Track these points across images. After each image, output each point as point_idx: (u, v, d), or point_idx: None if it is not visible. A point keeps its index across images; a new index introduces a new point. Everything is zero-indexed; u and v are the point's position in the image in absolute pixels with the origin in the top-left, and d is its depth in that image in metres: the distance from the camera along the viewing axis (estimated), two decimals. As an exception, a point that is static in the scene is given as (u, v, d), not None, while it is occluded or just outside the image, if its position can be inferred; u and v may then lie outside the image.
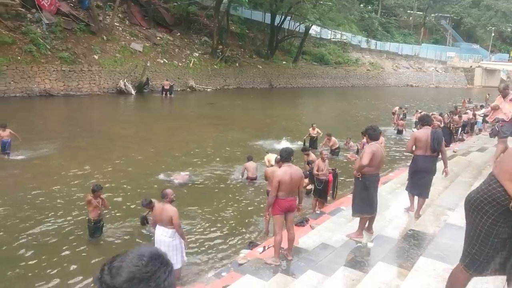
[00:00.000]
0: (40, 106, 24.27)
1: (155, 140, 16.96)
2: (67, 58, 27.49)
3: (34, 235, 7.98)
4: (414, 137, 6.97)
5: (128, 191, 10.66)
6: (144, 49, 33.51)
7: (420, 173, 6.93)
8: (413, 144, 6.91)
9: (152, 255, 1.36)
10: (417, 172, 6.97)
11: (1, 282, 6.42)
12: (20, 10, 28.26)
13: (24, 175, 11.49)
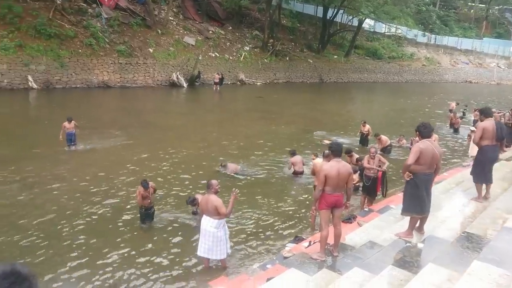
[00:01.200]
0: (98, 97, 25.44)
1: (205, 132, 17.31)
2: (124, 51, 28.61)
3: (92, 218, 8.42)
4: (482, 128, 7.29)
5: (180, 181, 10.96)
6: (196, 43, 34.16)
7: (488, 162, 7.37)
8: (481, 134, 7.22)
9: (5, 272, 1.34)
10: (485, 162, 7.36)
11: (58, 257, 6.84)
12: (82, 5, 29.72)
13: (86, 163, 12.14)
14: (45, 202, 9.09)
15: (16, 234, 7.58)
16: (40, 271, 6.41)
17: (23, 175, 10.59)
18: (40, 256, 6.93)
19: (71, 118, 13.29)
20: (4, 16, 24.87)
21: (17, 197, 9.27)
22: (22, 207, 8.81)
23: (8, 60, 23.86)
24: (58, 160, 12.10)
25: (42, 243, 7.35)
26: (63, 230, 7.88)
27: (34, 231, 7.75)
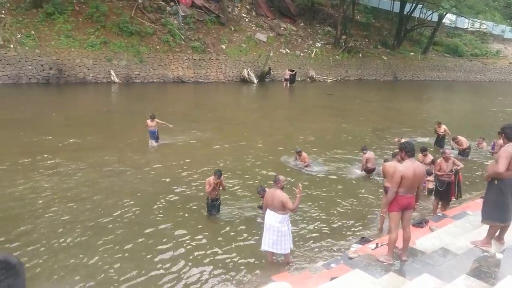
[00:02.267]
0: (173, 91, 26.57)
1: (274, 128, 17.40)
2: (198, 47, 29.58)
3: (164, 206, 8.81)
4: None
5: (248, 174, 11.13)
6: (268, 39, 34.39)
7: None
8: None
9: None
10: None
11: (128, 242, 7.25)
12: (161, 4, 31.18)
13: (162, 154, 12.75)
14: (121, 189, 9.66)
15: (95, 217, 8.14)
16: (113, 246, 6.86)
17: (104, 162, 11.34)
18: (114, 233, 7.39)
19: (154, 115, 13.34)
20: (92, 15, 26.79)
21: (98, 182, 9.94)
22: (102, 190, 9.43)
23: (94, 56, 25.68)
24: (138, 150, 12.78)
25: (112, 221, 7.83)
26: (131, 215, 8.32)
27: (104, 212, 8.28)
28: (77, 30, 26.07)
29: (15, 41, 23.68)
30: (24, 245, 6.97)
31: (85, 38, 25.88)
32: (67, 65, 24.74)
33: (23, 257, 6.49)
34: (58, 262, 6.57)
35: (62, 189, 9.36)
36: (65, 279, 6.15)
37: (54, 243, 7.08)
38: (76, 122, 16.08)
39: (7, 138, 13.34)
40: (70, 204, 8.60)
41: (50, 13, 25.60)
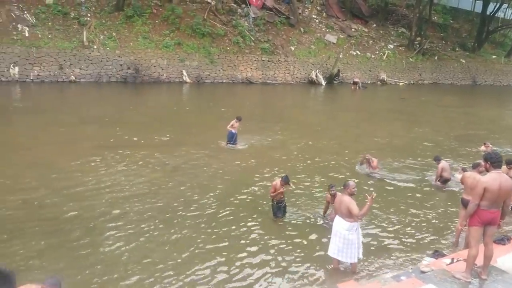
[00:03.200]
0: (242, 92, 26.98)
1: (340, 130, 17.06)
2: (267, 49, 29.79)
3: (233, 206, 8.93)
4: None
5: (314, 177, 10.97)
6: (338, 41, 33.80)
7: None
8: None
9: None
10: None
11: (194, 242, 7.40)
12: (232, 6, 31.83)
13: (234, 156, 12.94)
14: (192, 186, 9.93)
15: (165, 212, 8.44)
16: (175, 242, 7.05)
17: (174, 159, 11.75)
18: (181, 230, 7.60)
19: (241, 117, 13.01)
20: (168, 18, 27.97)
21: (169, 179, 10.31)
22: (172, 188, 9.76)
23: (168, 56, 26.80)
24: (209, 148, 13.10)
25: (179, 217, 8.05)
26: (199, 212, 8.49)
27: (170, 206, 8.53)
28: (154, 32, 27.35)
29: (98, 42, 25.35)
30: (95, 236, 7.38)
31: (161, 40, 27.08)
32: (143, 65, 26.04)
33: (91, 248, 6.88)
34: (131, 252, 6.88)
35: (133, 184, 9.81)
36: (132, 269, 6.42)
37: (126, 235, 7.43)
38: (150, 119, 16.85)
39: (89, 132, 14.28)
40: (141, 199, 8.98)
41: (130, 16, 27.09)
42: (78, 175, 10.05)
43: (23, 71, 23.30)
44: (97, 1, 27.74)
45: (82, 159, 11.18)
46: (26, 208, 8.20)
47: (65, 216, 7.93)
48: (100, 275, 6.19)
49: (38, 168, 10.45)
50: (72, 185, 9.40)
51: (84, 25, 25.61)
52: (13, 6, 24.94)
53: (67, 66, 24.28)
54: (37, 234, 7.22)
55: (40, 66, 23.73)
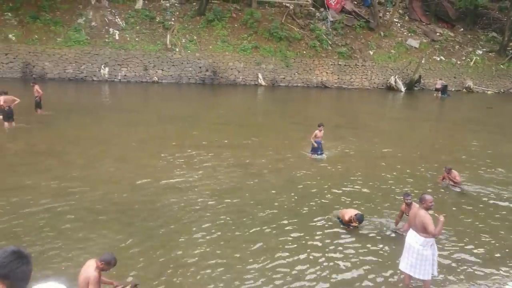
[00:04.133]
0: (316, 96, 26.78)
1: (418, 140, 16.22)
2: (344, 53, 29.26)
3: (304, 212, 8.88)
4: None
5: (390, 186, 10.56)
6: (420, 46, 32.24)
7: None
8: None
9: (11, 251, 1.95)
10: None
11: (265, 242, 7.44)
12: (310, 10, 31.72)
13: (312, 165, 12.93)
14: (259, 189, 10.03)
15: (233, 214, 8.61)
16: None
17: (250, 160, 11.93)
18: (248, 231, 7.70)
19: (322, 124, 12.66)
20: (246, 22, 28.58)
21: (240, 181, 10.51)
22: (245, 190, 9.92)
23: (245, 60, 27.37)
24: (284, 151, 13.17)
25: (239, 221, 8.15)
26: (265, 214, 8.53)
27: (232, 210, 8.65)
28: (232, 36, 28.09)
29: (180, 45, 26.60)
30: (165, 233, 7.71)
31: (239, 43, 27.74)
32: (221, 67, 26.85)
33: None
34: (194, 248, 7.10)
35: (207, 183, 10.12)
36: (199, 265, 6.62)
37: (200, 232, 7.68)
38: (226, 121, 17.30)
39: (169, 131, 15.01)
40: (214, 198, 9.24)
41: (211, 20, 28.08)
42: (158, 171, 10.60)
43: (112, 71, 25.13)
44: (181, 6, 29.13)
45: (162, 157, 11.77)
46: (107, 199, 8.81)
47: (142, 210, 8.39)
48: (170, 267, 6.47)
49: (123, 163, 11.18)
50: (151, 181, 9.92)
51: (168, 29, 27.01)
52: (107, 11, 26.99)
53: (151, 67, 25.77)
54: (114, 224, 7.73)
55: (127, 67, 25.43)
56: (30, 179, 9.62)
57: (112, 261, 4.60)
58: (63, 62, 24.55)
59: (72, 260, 6.42)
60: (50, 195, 8.81)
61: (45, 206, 8.24)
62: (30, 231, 7.27)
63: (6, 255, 1.94)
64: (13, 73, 23.72)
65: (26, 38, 24.47)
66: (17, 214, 7.82)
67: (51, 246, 6.84)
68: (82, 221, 7.74)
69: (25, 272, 1.96)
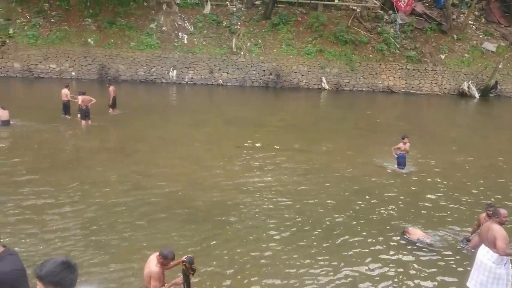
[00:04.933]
0: (382, 101, 25.97)
1: (495, 149, 15.17)
2: (413, 57, 28.12)
3: (365, 220, 8.66)
4: None
5: (457, 199, 9.99)
6: (497, 49, 30.15)
7: None
8: None
9: (61, 261, 2.27)
10: None
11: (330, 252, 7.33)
12: (378, 12, 30.86)
13: (367, 168, 12.62)
14: (326, 194, 9.90)
15: (293, 216, 8.58)
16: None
17: (311, 165, 11.86)
18: (311, 234, 7.63)
19: (407, 136, 11.87)
20: (312, 25, 28.42)
21: (306, 184, 10.45)
22: (310, 194, 9.86)
23: (309, 63, 27.23)
24: (344, 156, 12.97)
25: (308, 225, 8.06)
26: (326, 219, 8.39)
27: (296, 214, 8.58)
28: (297, 39, 28.06)
29: (245, 49, 27.03)
30: (231, 232, 7.84)
31: (303, 47, 27.64)
32: (284, 71, 26.92)
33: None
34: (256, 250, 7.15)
35: (265, 186, 10.17)
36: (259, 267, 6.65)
37: (257, 232, 7.75)
38: (288, 124, 17.31)
39: (232, 133, 15.31)
40: (275, 201, 9.27)
41: (276, 23, 28.26)
42: (220, 172, 10.85)
43: (180, 74, 26.10)
44: (247, 10, 29.61)
45: (224, 158, 12.04)
46: (171, 196, 9.15)
47: (202, 207, 8.63)
48: (238, 264, 6.57)
49: (187, 162, 11.58)
50: (214, 181, 10.17)
51: (234, 33, 27.56)
52: (177, 16, 28.11)
53: (216, 70, 26.44)
54: (177, 220, 8.00)
55: (194, 70, 26.30)
56: (101, 175, 10.24)
57: (169, 255, 4.76)
58: (135, 65, 25.91)
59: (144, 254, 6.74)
60: (120, 190, 9.32)
61: (115, 201, 8.72)
62: (103, 224, 7.73)
63: (57, 265, 2.24)
64: (91, 75, 25.43)
65: (103, 42, 26.14)
66: (90, 207, 8.36)
67: (126, 239, 7.23)
68: (147, 217, 8.10)
69: (72, 280, 2.27)
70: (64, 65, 25.41)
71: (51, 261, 2.30)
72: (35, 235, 7.12)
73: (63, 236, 7.16)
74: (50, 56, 25.35)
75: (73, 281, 2.28)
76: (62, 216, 7.92)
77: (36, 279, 2.26)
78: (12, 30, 25.63)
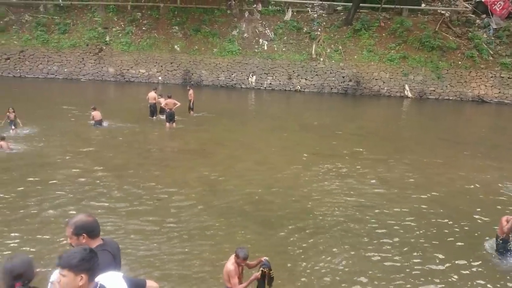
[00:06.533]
0: (471, 111, 24.26)
1: None
2: (508, 64, 25.94)
3: (444, 232, 8.14)
4: None
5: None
6: None
7: None
8: None
9: (90, 249, 2.51)
10: None
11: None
12: (470, 16, 28.90)
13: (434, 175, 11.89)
14: (403, 207, 9.45)
15: (364, 224, 8.27)
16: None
17: (390, 176, 11.41)
18: (381, 244, 7.31)
19: None
20: (395, 31, 27.41)
21: (381, 196, 10.08)
22: (385, 206, 9.49)
23: (391, 70, 26.26)
24: (425, 168, 12.31)
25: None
26: (403, 231, 7.96)
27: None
28: (379, 45, 27.23)
29: (324, 55, 26.81)
30: (298, 239, 7.76)
31: (385, 53, 26.76)
32: (364, 78, 26.24)
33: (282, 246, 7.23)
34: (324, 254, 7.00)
35: (344, 195, 9.93)
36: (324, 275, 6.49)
37: (337, 243, 7.59)
38: (367, 132, 16.80)
39: (308, 139, 15.21)
40: (349, 211, 9.03)
41: (358, 29, 27.67)
42: (296, 179, 10.82)
43: (259, 79, 26.57)
44: (328, 16, 29.36)
45: (300, 164, 11.99)
46: (247, 199, 9.29)
47: (278, 213, 8.64)
48: (307, 272, 6.51)
49: (263, 167, 11.69)
50: (290, 187, 10.17)
51: (314, 39, 27.47)
52: (258, 23, 28.69)
53: (295, 76, 26.52)
54: (252, 223, 8.10)
55: (273, 76, 26.62)
56: (181, 175, 10.70)
57: (241, 255, 4.92)
58: (217, 71, 26.85)
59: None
60: (199, 191, 9.67)
61: (194, 201, 9.07)
62: (180, 222, 8.07)
63: (87, 252, 2.46)
64: (176, 80, 26.81)
65: (188, 48, 27.46)
66: (169, 204, 8.77)
67: (203, 237, 7.49)
68: (223, 218, 8.30)
69: (99, 265, 2.50)
70: (152, 70, 27.07)
71: (80, 249, 2.50)
72: (115, 231, 7.61)
73: (150, 230, 7.59)
74: (140, 61, 27.17)
75: (99, 266, 2.51)
76: (141, 212, 8.40)
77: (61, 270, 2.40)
78: (108, 38, 27.88)
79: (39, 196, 8.92)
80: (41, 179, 9.95)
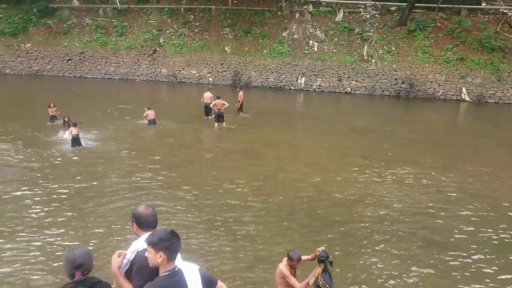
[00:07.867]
0: None
1: None
2: None
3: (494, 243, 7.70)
4: None
5: None
6: None
7: None
8: None
9: (170, 230, 2.71)
10: None
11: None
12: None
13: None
14: (453, 216, 9.03)
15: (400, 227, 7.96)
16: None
17: (441, 183, 10.94)
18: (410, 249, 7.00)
19: None
20: (453, 31, 26.28)
21: (433, 203, 9.69)
22: (435, 214, 9.12)
23: (447, 72, 25.19)
24: (482, 176, 11.72)
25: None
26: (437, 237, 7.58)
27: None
28: (435, 46, 26.22)
29: (376, 56, 26.18)
30: (339, 239, 7.59)
31: (441, 54, 25.72)
32: (418, 80, 25.35)
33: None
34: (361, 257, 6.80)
35: (393, 201, 9.63)
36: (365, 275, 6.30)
37: (363, 243, 7.38)
38: (420, 137, 16.22)
39: (358, 142, 14.90)
40: (400, 217, 8.75)
41: (412, 30, 26.80)
42: (345, 182, 10.62)
43: (308, 81, 26.38)
44: (381, 17, 28.65)
45: (349, 167, 11.75)
46: (296, 201, 9.23)
47: (327, 216, 8.52)
48: (355, 274, 6.38)
49: (312, 169, 11.58)
50: (339, 190, 10.00)
51: (366, 40, 26.90)
52: (309, 25, 28.51)
53: (345, 78, 26.08)
54: (300, 226, 8.03)
55: (322, 77, 26.33)
56: (229, 175, 10.81)
57: (294, 257, 4.94)
58: (266, 72, 26.94)
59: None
60: (247, 192, 9.73)
61: (242, 202, 9.13)
62: (227, 222, 8.15)
63: (168, 232, 2.68)
64: (225, 81, 27.18)
65: (238, 50, 27.77)
66: (218, 202, 8.89)
67: (249, 238, 7.54)
68: (271, 219, 8.30)
69: (178, 246, 2.70)
70: (203, 71, 27.62)
71: (162, 229, 2.74)
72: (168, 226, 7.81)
73: (201, 228, 7.74)
74: (192, 62, 27.81)
75: (178, 248, 2.71)
76: (190, 211, 8.57)
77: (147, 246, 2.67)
78: (162, 40, 28.77)
79: (96, 191, 9.35)
80: (97, 176, 10.42)
